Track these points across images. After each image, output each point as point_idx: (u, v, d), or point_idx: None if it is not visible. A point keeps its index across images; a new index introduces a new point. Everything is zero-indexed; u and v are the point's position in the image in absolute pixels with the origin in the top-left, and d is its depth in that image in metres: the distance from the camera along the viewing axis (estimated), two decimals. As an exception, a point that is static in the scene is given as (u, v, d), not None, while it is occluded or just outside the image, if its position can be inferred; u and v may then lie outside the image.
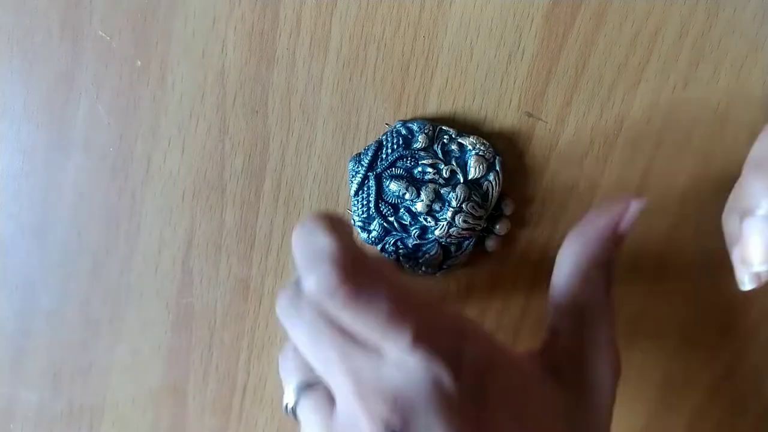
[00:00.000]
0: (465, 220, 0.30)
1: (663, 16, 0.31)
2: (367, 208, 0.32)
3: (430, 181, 0.31)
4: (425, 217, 0.31)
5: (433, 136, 0.31)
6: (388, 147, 0.31)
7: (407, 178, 0.31)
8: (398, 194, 0.31)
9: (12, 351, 0.36)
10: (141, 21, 0.31)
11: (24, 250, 0.34)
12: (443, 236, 0.31)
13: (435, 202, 0.31)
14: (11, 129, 0.33)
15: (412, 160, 0.31)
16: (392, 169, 0.31)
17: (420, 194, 0.31)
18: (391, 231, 0.32)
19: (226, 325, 0.35)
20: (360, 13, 0.31)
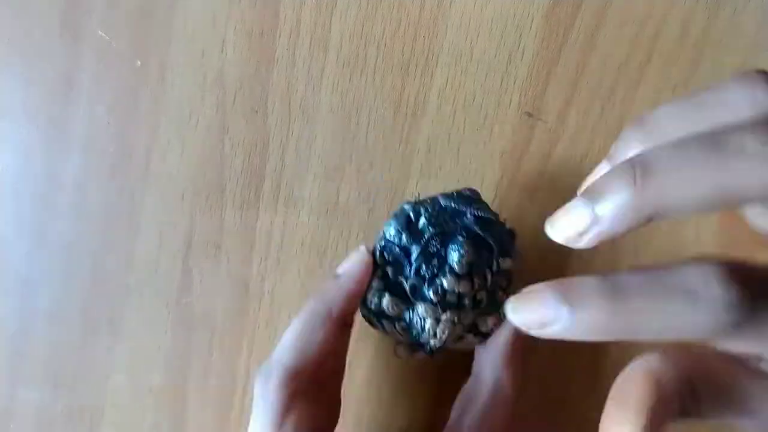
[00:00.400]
0: (444, 330, 0.27)
1: (663, 16, 0.31)
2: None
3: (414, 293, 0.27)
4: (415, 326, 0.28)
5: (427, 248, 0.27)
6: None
7: (472, 261, 0.27)
8: (451, 256, 0.27)
9: (12, 351, 0.36)
10: (141, 21, 0.31)
11: (24, 249, 0.34)
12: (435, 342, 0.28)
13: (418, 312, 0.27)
14: (11, 129, 0.33)
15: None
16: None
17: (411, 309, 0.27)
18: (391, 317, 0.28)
19: (226, 325, 0.35)
20: (360, 12, 0.31)
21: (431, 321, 0.27)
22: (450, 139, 0.32)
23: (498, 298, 0.28)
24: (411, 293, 0.27)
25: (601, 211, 0.16)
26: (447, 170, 0.33)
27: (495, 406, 0.27)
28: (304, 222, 0.34)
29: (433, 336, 0.27)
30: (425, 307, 0.27)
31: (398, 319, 0.27)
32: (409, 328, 0.27)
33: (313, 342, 0.25)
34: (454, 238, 0.27)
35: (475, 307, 0.27)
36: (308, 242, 0.34)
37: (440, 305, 0.27)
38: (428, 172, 0.33)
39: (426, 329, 0.27)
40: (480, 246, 0.27)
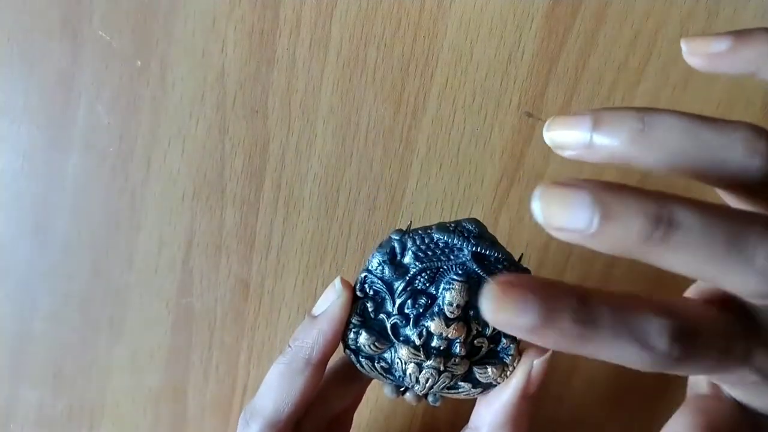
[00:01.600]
0: (428, 378, 0.25)
1: (663, 16, 0.31)
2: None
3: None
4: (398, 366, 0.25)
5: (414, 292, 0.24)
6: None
7: (466, 303, 0.24)
8: (442, 296, 0.25)
9: (12, 351, 0.36)
10: (141, 21, 0.31)
11: (24, 250, 0.34)
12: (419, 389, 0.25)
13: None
14: (11, 129, 0.33)
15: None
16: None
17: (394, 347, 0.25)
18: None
19: (226, 325, 0.35)
20: (360, 13, 0.31)
21: (413, 365, 0.24)
22: (450, 139, 0.32)
23: (502, 347, 0.25)
24: (392, 333, 0.25)
25: (599, 141, 0.17)
26: (447, 170, 0.33)
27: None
28: (304, 222, 0.34)
29: (416, 382, 0.25)
30: (407, 350, 0.24)
31: (378, 359, 0.25)
32: (390, 370, 0.25)
33: (293, 391, 0.24)
34: (446, 276, 0.24)
35: (472, 355, 0.25)
36: (308, 242, 0.34)
37: (423, 350, 0.24)
38: (428, 172, 0.33)
39: (407, 374, 0.25)
40: (476, 287, 0.24)
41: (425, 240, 0.24)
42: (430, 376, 0.24)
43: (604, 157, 0.17)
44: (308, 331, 0.24)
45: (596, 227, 0.15)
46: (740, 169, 0.16)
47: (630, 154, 0.17)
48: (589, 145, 0.17)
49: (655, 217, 0.15)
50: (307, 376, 0.24)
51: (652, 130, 0.16)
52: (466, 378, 0.25)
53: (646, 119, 0.16)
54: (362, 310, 0.25)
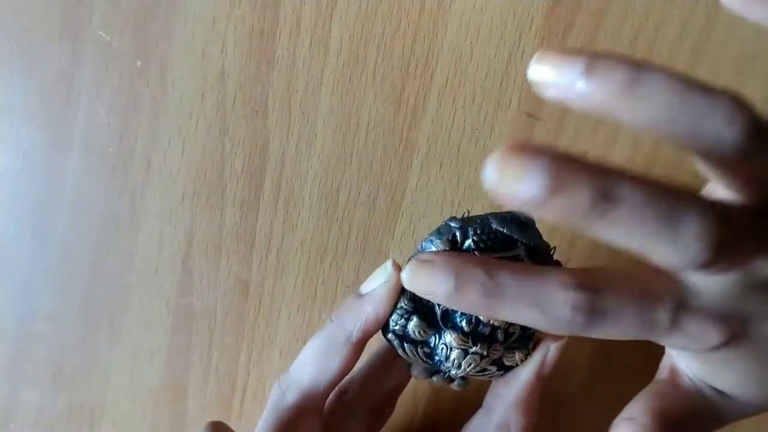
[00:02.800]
0: (470, 363, 0.26)
1: (663, 16, 0.31)
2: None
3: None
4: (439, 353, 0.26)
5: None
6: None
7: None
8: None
9: (12, 351, 0.36)
10: (141, 21, 0.31)
11: (24, 250, 0.34)
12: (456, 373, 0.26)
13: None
14: (11, 129, 0.33)
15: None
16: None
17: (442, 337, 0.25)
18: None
19: (226, 325, 0.35)
20: (360, 13, 0.31)
21: (458, 351, 0.25)
22: (450, 139, 0.32)
23: (528, 333, 0.26)
24: (441, 319, 0.25)
25: (585, 88, 0.17)
26: (447, 170, 0.33)
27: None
28: (304, 222, 0.34)
29: (457, 367, 0.26)
30: (455, 337, 0.25)
31: (422, 344, 0.26)
32: (432, 355, 0.26)
33: (330, 366, 0.25)
34: None
35: (506, 340, 0.26)
36: (308, 242, 0.34)
37: (471, 336, 0.25)
38: (428, 172, 0.33)
39: (451, 359, 0.25)
40: None
41: (485, 230, 0.24)
42: (473, 362, 0.26)
43: (584, 105, 0.17)
44: (353, 309, 0.25)
45: (545, 197, 0.16)
46: (715, 138, 0.16)
47: (612, 107, 0.16)
48: (574, 89, 0.17)
49: (599, 192, 0.15)
50: (346, 354, 0.25)
51: (641, 87, 0.16)
52: (495, 362, 0.26)
53: (638, 75, 0.16)
54: (413, 295, 0.25)
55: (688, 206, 0.16)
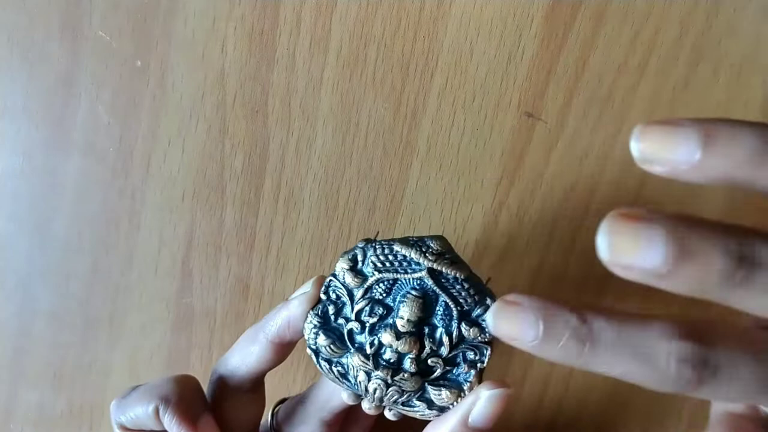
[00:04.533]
0: (375, 390, 0.25)
1: (663, 16, 0.31)
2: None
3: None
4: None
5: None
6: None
7: (420, 318, 0.24)
8: (397, 308, 0.25)
9: (12, 351, 0.36)
10: (141, 21, 0.31)
11: (24, 250, 0.34)
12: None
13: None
14: (11, 129, 0.33)
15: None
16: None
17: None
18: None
19: (226, 325, 0.35)
20: (360, 13, 0.31)
21: (363, 374, 0.25)
22: (450, 139, 0.32)
23: (461, 372, 0.24)
24: (348, 339, 0.25)
25: (709, 161, 0.15)
26: (447, 170, 0.33)
27: None
28: (304, 222, 0.34)
29: (365, 391, 0.25)
30: (358, 358, 0.25)
31: (336, 363, 0.25)
32: (346, 375, 0.25)
33: (249, 357, 0.26)
34: (403, 289, 0.24)
35: (427, 374, 0.24)
36: (308, 242, 0.34)
37: (373, 360, 0.24)
38: (428, 172, 0.33)
39: (359, 382, 0.25)
40: (432, 305, 0.24)
41: (385, 251, 0.24)
42: (378, 387, 0.25)
43: (710, 178, 0.15)
44: (275, 311, 0.26)
45: (671, 266, 0.14)
46: None
47: (742, 176, 0.14)
48: (695, 164, 0.14)
49: (737, 255, 0.14)
50: (262, 349, 0.26)
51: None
52: (421, 397, 0.25)
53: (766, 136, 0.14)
54: (324, 312, 0.25)
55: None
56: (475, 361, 0.24)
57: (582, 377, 0.35)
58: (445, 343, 0.24)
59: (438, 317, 0.24)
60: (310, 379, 0.36)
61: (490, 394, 0.22)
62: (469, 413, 0.23)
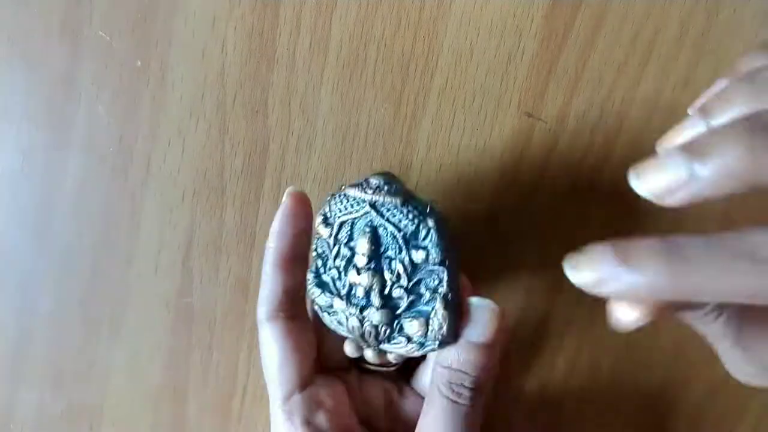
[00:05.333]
0: (354, 329, 0.26)
1: (663, 16, 0.31)
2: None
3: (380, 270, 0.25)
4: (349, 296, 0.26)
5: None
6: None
7: (375, 252, 0.25)
8: (355, 247, 0.25)
9: (12, 351, 0.36)
10: (141, 21, 0.31)
11: (24, 250, 0.34)
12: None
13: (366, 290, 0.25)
14: (11, 129, 0.33)
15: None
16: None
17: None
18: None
19: (226, 325, 0.35)
20: (360, 13, 0.31)
21: (343, 315, 0.26)
22: (450, 139, 0.32)
23: (424, 301, 0.24)
24: (333, 285, 0.26)
25: (702, 172, 0.15)
26: (447, 170, 0.33)
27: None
28: (304, 222, 0.34)
29: (350, 332, 0.26)
30: (338, 301, 0.26)
31: (332, 313, 0.26)
32: (341, 323, 0.26)
33: (272, 282, 0.27)
34: (359, 228, 0.25)
35: (394, 308, 0.25)
36: (308, 242, 0.34)
37: (347, 299, 0.25)
38: (428, 172, 0.33)
39: (344, 325, 0.26)
40: (383, 237, 0.24)
41: (341, 197, 0.25)
42: (355, 325, 0.25)
43: (720, 187, 0.15)
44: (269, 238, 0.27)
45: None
46: None
47: (746, 175, 0.15)
48: (690, 179, 0.15)
49: (671, 254, 0.15)
50: (278, 272, 0.27)
51: (760, 145, 0.14)
52: (401, 332, 0.25)
53: (752, 131, 0.15)
54: (316, 268, 0.27)
55: (763, 233, 0.15)
56: (436, 287, 0.24)
57: (580, 379, 0.35)
58: (401, 272, 0.24)
59: (390, 248, 0.24)
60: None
61: (476, 302, 0.24)
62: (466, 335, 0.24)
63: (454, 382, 0.24)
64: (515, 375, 0.35)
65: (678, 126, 0.19)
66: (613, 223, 0.33)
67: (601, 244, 0.17)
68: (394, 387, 0.30)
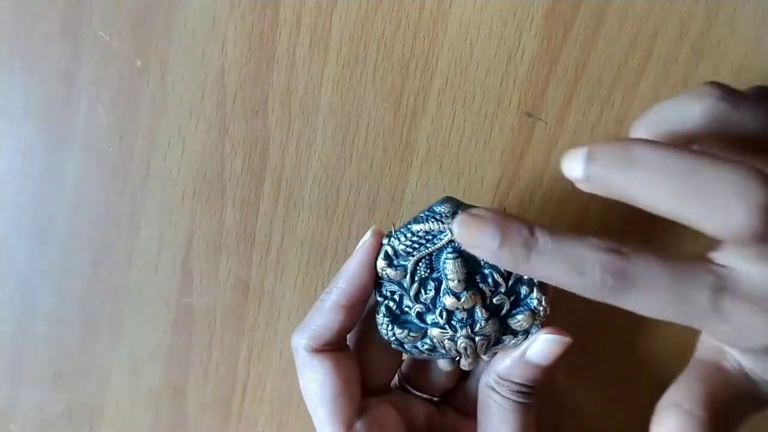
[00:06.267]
0: (466, 348, 0.27)
1: (663, 16, 0.31)
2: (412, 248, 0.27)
3: (481, 290, 0.27)
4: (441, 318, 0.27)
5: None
6: None
7: (467, 273, 0.26)
8: (444, 275, 0.26)
9: (12, 351, 0.36)
10: (141, 21, 0.31)
11: (24, 250, 0.34)
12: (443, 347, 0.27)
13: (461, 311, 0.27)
14: (11, 129, 0.33)
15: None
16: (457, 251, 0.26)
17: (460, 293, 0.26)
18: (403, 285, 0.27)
19: (226, 325, 0.35)
20: (360, 13, 0.31)
21: (448, 342, 0.27)
22: (450, 139, 0.32)
23: (524, 296, 0.27)
24: (419, 320, 0.27)
25: (594, 172, 0.20)
26: (447, 170, 0.33)
27: None
28: (304, 222, 0.34)
29: (457, 353, 0.27)
30: (437, 331, 0.27)
31: (421, 344, 0.27)
32: (435, 348, 0.27)
33: (324, 321, 0.27)
34: (440, 258, 0.26)
35: (497, 313, 0.27)
36: (308, 242, 0.34)
37: (450, 326, 0.27)
38: (428, 172, 0.33)
39: (448, 348, 0.27)
40: (471, 258, 0.26)
41: (408, 235, 0.26)
42: (467, 345, 0.27)
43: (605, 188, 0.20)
44: (337, 275, 0.27)
45: (495, 248, 0.21)
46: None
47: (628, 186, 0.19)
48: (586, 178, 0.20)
49: (531, 249, 0.21)
50: (340, 312, 0.27)
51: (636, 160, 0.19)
52: (505, 332, 0.27)
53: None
54: (388, 310, 0.27)
55: (586, 250, 0.19)
56: (531, 280, 0.27)
57: (580, 378, 0.35)
58: (499, 280, 0.27)
59: (482, 264, 0.26)
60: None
61: (546, 337, 0.26)
62: (527, 350, 0.26)
63: (517, 382, 0.27)
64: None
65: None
66: (614, 223, 0.33)
67: (488, 213, 0.21)
68: (432, 405, 0.31)
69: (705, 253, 0.20)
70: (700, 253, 0.20)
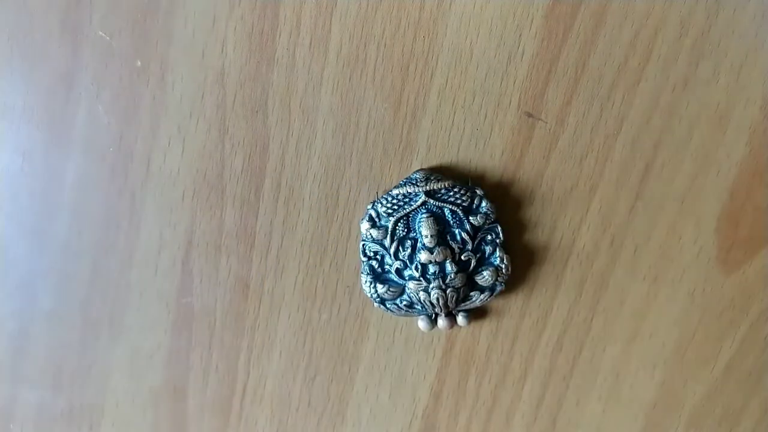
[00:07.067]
0: (438, 298, 0.31)
1: (663, 16, 0.31)
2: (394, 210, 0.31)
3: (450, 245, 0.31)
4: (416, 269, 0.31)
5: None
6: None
7: (438, 231, 0.31)
8: (419, 234, 0.31)
9: (12, 351, 0.36)
10: (141, 21, 0.31)
11: (24, 250, 0.34)
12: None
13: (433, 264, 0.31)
14: (11, 129, 0.33)
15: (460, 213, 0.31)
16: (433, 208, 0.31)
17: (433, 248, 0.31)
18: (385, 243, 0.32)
19: (226, 325, 0.35)
20: (360, 13, 0.31)
21: (423, 293, 0.31)
22: (450, 139, 0.32)
23: (486, 251, 0.31)
24: (398, 275, 0.31)
25: None
26: (447, 170, 0.33)
27: None
28: (304, 222, 0.34)
29: (431, 306, 0.31)
30: (413, 284, 0.31)
31: (400, 300, 0.31)
32: (412, 304, 0.32)
33: None
34: (415, 218, 0.31)
35: (465, 269, 0.31)
36: (308, 242, 0.34)
37: (424, 278, 0.31)
38: (428, 172, 0.33)
39: (422, 301, 0.31)
40: (443, 217, 0.31)
41: (388, 199, 0.31)
42: (438, 295, 0.31)
43: None
44: None
45: None
46: None
47: None
48: None
49: None
50: None
51: None
52: (472, 288, 0.32)
53: None
54: (371, 269, 0.32)
55: None
56: (494, 240, 0.31)
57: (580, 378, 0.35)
58: (466, 238, 0.31)
59: (451, 223, 0.31)
60: (309, 380, 0.36)
61: None
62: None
63: None
64: (515, 372, 0.35)
65: None
66: (614, 222, 0.33)
67: None
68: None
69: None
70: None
